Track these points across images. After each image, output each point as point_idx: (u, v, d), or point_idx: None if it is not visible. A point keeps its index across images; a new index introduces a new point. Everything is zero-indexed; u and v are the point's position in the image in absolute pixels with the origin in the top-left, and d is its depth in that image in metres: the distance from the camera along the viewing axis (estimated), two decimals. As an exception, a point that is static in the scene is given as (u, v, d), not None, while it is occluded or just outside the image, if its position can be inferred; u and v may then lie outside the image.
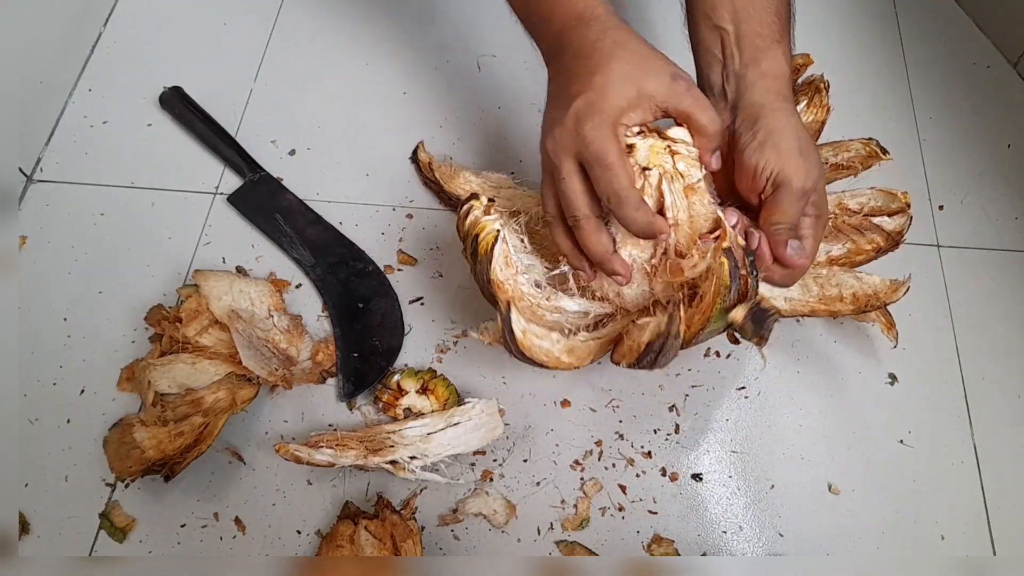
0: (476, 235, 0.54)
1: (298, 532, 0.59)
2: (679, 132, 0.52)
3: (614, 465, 0.62)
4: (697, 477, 0.62)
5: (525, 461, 0.62)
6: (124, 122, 0.77)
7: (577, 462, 0.62)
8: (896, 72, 0.84)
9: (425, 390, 0.61)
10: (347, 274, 0.69)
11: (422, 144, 0.75)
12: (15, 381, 0.62)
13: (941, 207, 0.75)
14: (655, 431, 0.63)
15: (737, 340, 0.60)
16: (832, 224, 0.62)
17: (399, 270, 0.70)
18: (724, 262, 0.49)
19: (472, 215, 0.55)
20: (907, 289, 0.59)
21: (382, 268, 0.69)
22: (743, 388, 0.65)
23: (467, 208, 0.55)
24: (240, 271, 0.69)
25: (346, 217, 0.72)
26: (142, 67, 0.81)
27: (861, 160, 0.65)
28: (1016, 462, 0.63)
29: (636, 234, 0.50)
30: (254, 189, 0.73)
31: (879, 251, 0.62)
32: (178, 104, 0.76)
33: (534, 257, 0.57)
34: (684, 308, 0.51)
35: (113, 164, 0.75)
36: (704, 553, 0.59)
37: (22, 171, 0.73)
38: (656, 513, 0.60)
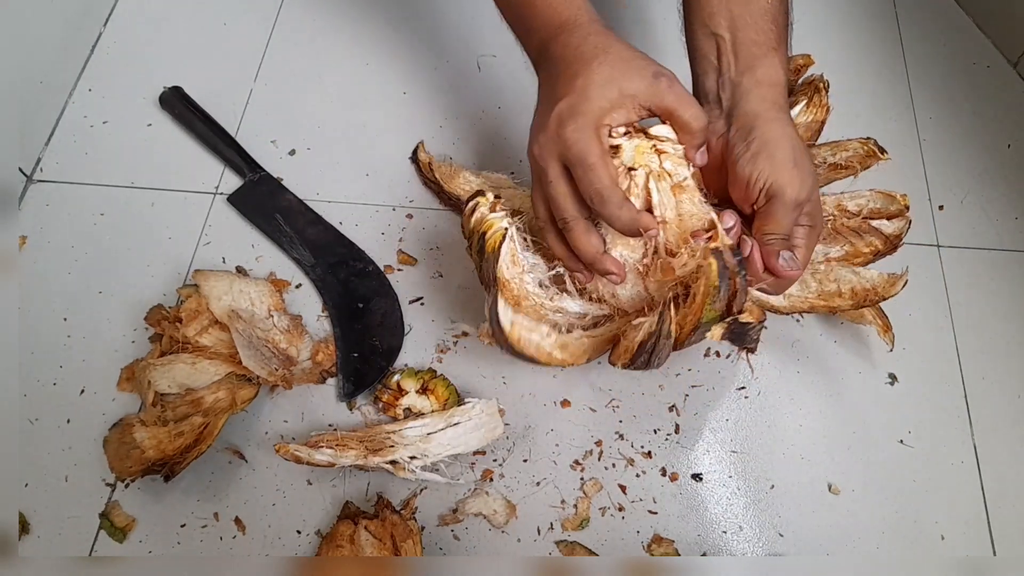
0: (483, 232, 0.53)
1: (298, 532, 0.59)
2: (662, 130, 0.52)
3: (614, 465, 0.62)
4: (697, 477, 0.62)
5: (525, 461, 0.62)
6: (124, 122, 0.77)
7: (577, 462, 0.62)
8: (896, 72, 0.84)
9: (425, 390, 0.61)
10: (347, 274, 0.69)
11: (422, 144, 0.75)
12: (15, 381, 0.62)
13: (941, 207, 0.75)
14: (655, 431, 0.63)
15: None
16: (831, 226, 0.62)
17: (399, 270, 0.70)
18: (713, 263, 0.49)
19: (478, 212, 0.54)
20: (905, 283, 0.59)
21: (382, 268, 0.69)
22: (743, 388, 0.65)
23: (473, 204, 0.55)
24: (240, 271, 0.69)
25: (346, 217, 0.72)
26: (142, 67, 0.81)
27: (860, 160, 0.65)
28: (1016, 462, 0.63)
29: (621, 231, 0.50)
30: (254, 189, 0.73)
31: (877, 254, 0.62)
32: (178, 104, 0.76)
33: (537, 256, 0.57)
34: (675, 308, 0.51)
35: (113, 164, 0.75)
36: (704, 553, 0.59)
37: (22, 171, 0.73)
38: (656, 513, 0.60)
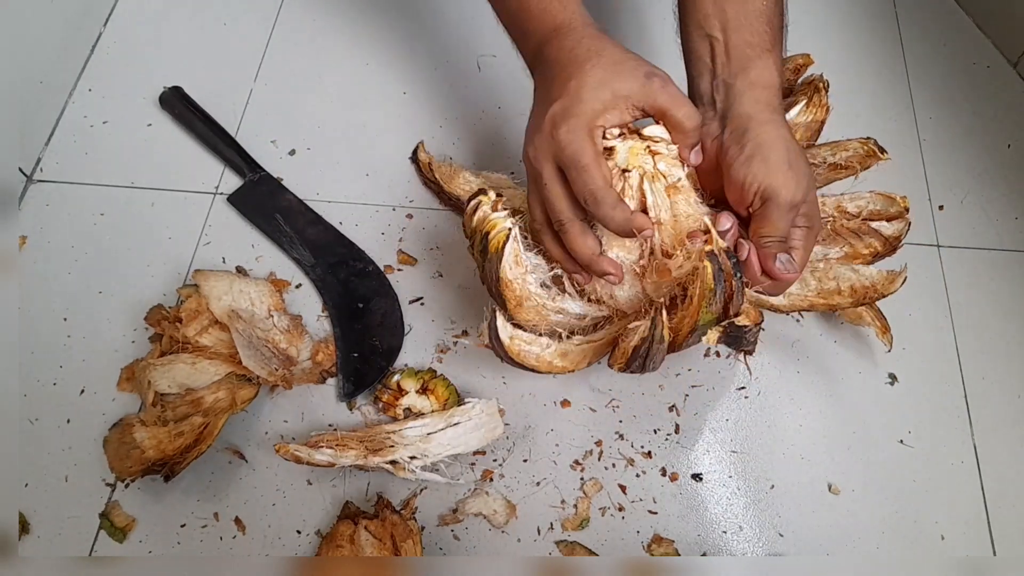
0: (486, 233, 0.52)
1: (298, 532, 0.59)
2: (655, 130, 0.52)
3: (614, 465, 0.62)
4: (697, 477, 0.62)
5: (525, 461, 0.62)
6: (124, 122, 0.77)
7: (577, 462, 0.62)
8: (896, 72, 0.84)
9: (425, 390, 0.61)
10: (347, 274, 0.69)
11: (422, 144, 0.75)
12: (15, 381, 0.62)
13: (941, 207, 0.75)
14: (655, 431, 0.63)
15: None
16: (831, 227, 0.62)
17: (399, 270, 0.70)
18: (708, 266, 0.48)
19: (481, 211, 0.53)
20: (904, 279, 0.59)
21: (382, 268, 0.69)
22: (743, 388, 0.65)
23: (475, 203, 0.54)
24: (240, 271, 0.69)
25: (346, 217, 0.72)
26: (142, 67, 0.81)
27: (859, 160, 0.65)
28: (1016, 462, 0.63)
29: (615, 232, 0.50)
30: (254, 189, 0.73)
31: (876, 255, 0.62)
32: (178, 104, 0.76)
33: (539, 257, 0.57)
34: (667, 312, 0.51)
35: (113, 164, 0.75)
36: (704, 553, 0.59)
37: (22, 171, 0.73)
38: (656, 513, 0.60)
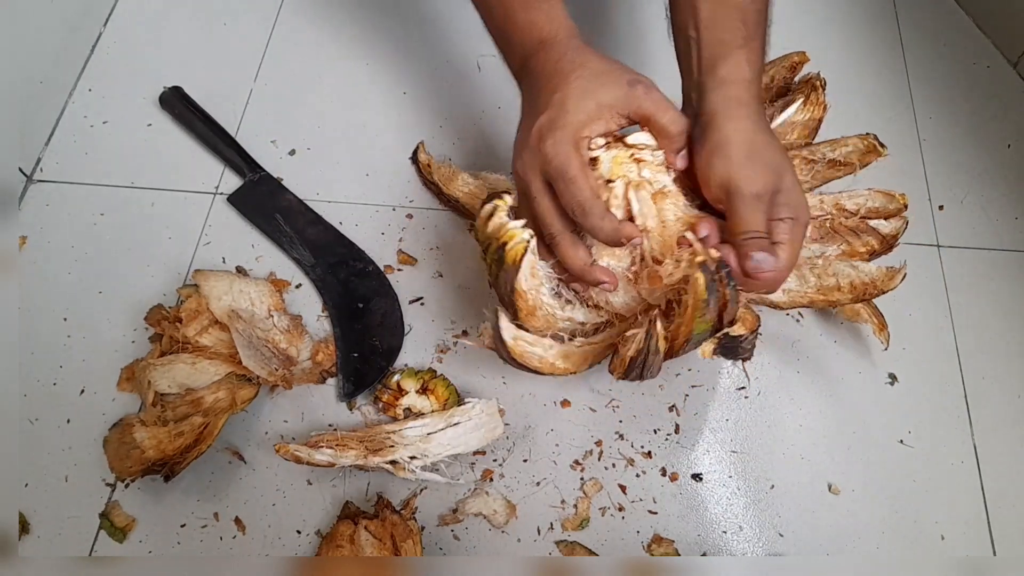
0: (504, 243, 0.50)
1: (298, 532, 0.59)
2: (639, 137, 0.51)
3: (614, 465, 0.62)
4: (697, 477, 0.62)
5: (525, 461, 0.62)
6: (124, 122, 0.77)
7: (577, 462, 0.62)
8: (896, 72, 0.84)
9: (425, 390, 0.61)
10: (347, 274, 0.69)
11: (422, 144, 0.75)
12: (15, 381, 0.62)
13: (941, 207, 0.75)
14: (655, 431, 0.63)
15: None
16: (829, 225, 0.62)
17: (399, 270, 0.70)
18: (699, 277, 0.47)
19: (498, 218, 0.51)
20: (903, 276, 0.59)
21: (382, 268, 0.69)
22: (743, 388, 0.65)
23: (491, 208, 0.52)
24: (240, 271, 0.69)
25: (346, 217, 0.72)
26: (142, 67, 0.81)
27: (859, 156, 0.65)
28: (1016, 462, 0.63)
29: (605, 242, 0.50)
30: (254, 189, 0.73)
31: (873, 253, 0.62)
32: (178, 104, 0.76)
33: (551, 267, 0.56)
34: (664, 318, 0.50)
35: (113, 164, 0.75)
36: (704, 553, 0.59)
37: (22, 171, 0.73)
38: (656, 513, 0.60)
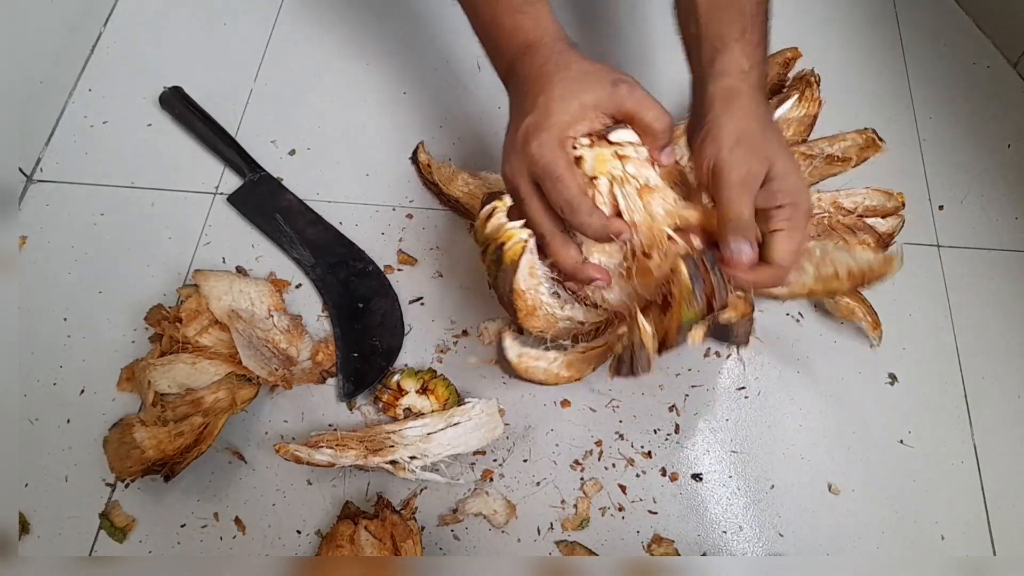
0: (502, 243, 0.51)
1: (298, 532, 0.59)
2: (622, 134, 0.51)
3: (614, 465, 0.62)
4: (697, 477, 0.62)
5: (525, 461, 0.62)
6: (124, 122, 0.77)
7: (577, 462, 0.62)
8: (896, 72, 0.84)
9: (425, 390, 0.61)
10: (347, 274, 0.69)
11: (422, 144, 0.75)
12: (15, 381, 0.62)
13: (941, 207, 0.75)
14: (655, 431, 0.63)
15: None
16: (827, 222, 0.62)
17: (399, 270, 0.70)
18: (682, 266, 0.48)
19: (496, 219, 0.52)
20: (901, 261, 0.58)
21: (382, 268, 0.69)
22: (743, 388, 0.65)
23: (490, 209, 0.52)
24: (240, 271, 0.69)
25: (346, 217, 0.72)
26: (142, 67, 0.81)
27: (857, 150, 0.65)
28: (1016, 462, 0.63)
29: (594, 239, 0.51)
30: (254, 189, 0.73)
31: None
32: (178, 104, 0.76)
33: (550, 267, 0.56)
34: (660, 312, 0.50)
35: (113, 164, 0.75)
36: (704, 553, 0.59)
37: (22, 171, 0.73)
38: (656, 513, 0.60)
